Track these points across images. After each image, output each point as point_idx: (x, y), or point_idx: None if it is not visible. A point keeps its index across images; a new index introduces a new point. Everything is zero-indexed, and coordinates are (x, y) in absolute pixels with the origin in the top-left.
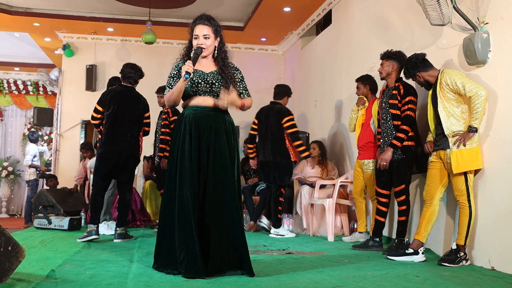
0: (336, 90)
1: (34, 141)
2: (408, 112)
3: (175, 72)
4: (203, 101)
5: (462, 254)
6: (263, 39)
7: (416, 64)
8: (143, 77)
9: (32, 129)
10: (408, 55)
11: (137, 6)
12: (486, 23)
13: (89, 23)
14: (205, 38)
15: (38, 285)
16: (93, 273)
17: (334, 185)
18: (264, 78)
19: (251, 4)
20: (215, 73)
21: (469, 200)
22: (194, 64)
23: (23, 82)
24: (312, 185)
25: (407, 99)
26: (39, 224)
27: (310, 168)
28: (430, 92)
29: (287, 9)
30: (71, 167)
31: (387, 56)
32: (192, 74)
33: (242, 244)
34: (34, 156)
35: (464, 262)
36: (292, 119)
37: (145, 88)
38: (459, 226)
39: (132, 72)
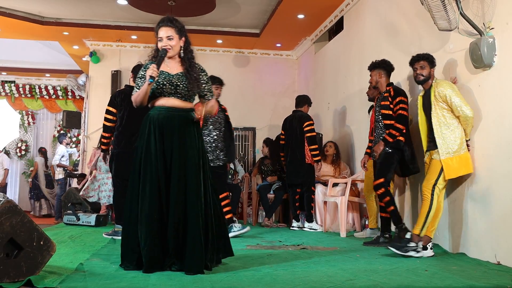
0: (348, 93)
1: (60, 141)
2: (400, 111)
3: (143, 73)
4: (167, 102)
5: (413, 244)
6: (278, 45)
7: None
8: None
9: (62, 131)
10: None
11: (159, 15)
12: (492, 28)
13: (114, 32)
14: (169, 39)
15: (67, 277)
16: (118, 267)
17: (346, 183)
18: (279, 82)
19: (266, 12)
20: (181, 74)
21: (432, 195)
22: (159, 67)
23: (53, 88)
24: (325, 184)
25: (397, 99)
26: (68, 220)
27: (324, 167)
28: (420, 99)
29: (301, 16)
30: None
31: (373, 66)
32: (156, 78)
33: (199, 242)
34: (62, 156)
35: (413, 253)
36: (312, 124)
37: None
38: (419, 216)
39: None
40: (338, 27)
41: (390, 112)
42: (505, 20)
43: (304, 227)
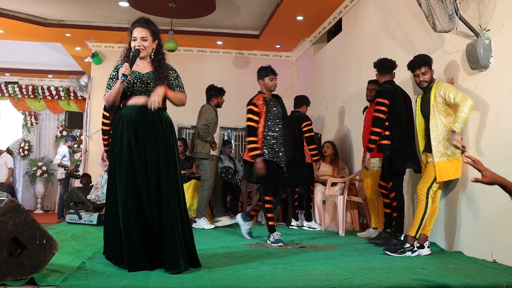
0: (346, 94)
1: (66, 140)
2: (375, 114)
3: (114, 74)
4: (139, 100)
5: (408, 245)
6: (278, 46)
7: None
8: None
9: (70, 134)
10: None
11: (160, 17)
12: (488, 30)
13: (115, 33)
14: (143, 40)
15: (70, 275)
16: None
17: (345, 183)
18: (278, 83)
19: (266, 14)
20: (151, 73)
21: (427, 198)
22: (131, 66)
23: (56, 88)
24: (324, 183)
25: (375, 101)
26: (70, 219)
27: (323, 166)
28: (419, 100)
29: (300, 18)
30: (99, 166)
31: (373, 66)
32: (129, 76)
33: (175, 240)
34: (64, 156)
35: (409, 253)
36: (310, 125)
37: None
38: (414, 218)
39: None
40: (336, 29)
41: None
42: (501, 22)
43: (303, 226)
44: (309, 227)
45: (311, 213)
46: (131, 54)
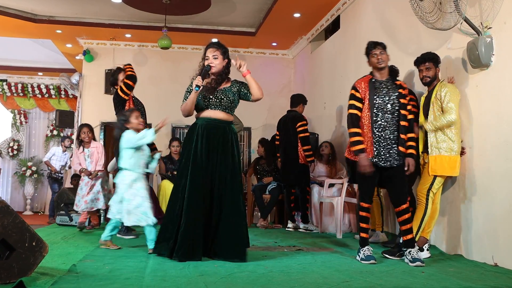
0: (345, 93)
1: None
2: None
3: (189, 86)
4: (214, 114)
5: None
6: (274, 44)
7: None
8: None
9: (63, 135)
10: (414, 57)
11: (154, 13)
12: (490, 28)
13: (108, 30)
14: (214, 58)
15: (60, 279)
16: (112, 268)
17: (342, 184)
18: (275, 82)
19: (262, 11)
20: (225, 89)
21: (427, 199)
22: (203, 78)
23: (46, 86)
24: (321, 184)
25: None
26: (61, 221)
27: (320, 167)
28: (423, 99)
29: (297, 15)
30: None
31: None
32: (201, 87)
33: (243, 236)
34: (53, 155)
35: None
36: (305, 125)
37: (161, 91)
38: (414, 220)
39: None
40: (334, 26)
41: None
42: (503, 20)
43: (300, 228)
44: (306, 229)
45: (307, 215)
46: (203, 69)
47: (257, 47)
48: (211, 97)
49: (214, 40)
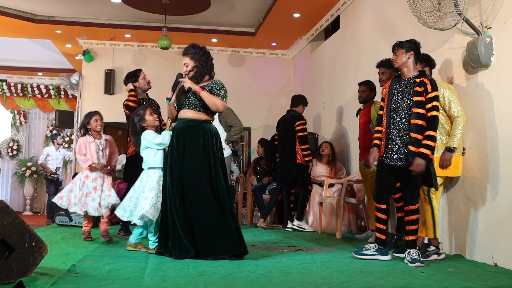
0: (344, 93)
1: (52, 140)
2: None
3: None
4: (183, 113)
5: (432, 248)
6: (274, 44)
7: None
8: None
9: (54, 131)
10: None
11: (153, 13)
12: (489, 28)
13: (107, 30)
14: (185, 65)
15: (60, 279)
16: (111, 268)
17: (342, 184)
18: (274, 82)
19: (262, 11)
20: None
21: (430, 198)
22: (173, 90)
23: (46, 86)
24: (321, 184)
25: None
26: (60, 221)
27: (320, 167)
28: None
29: (296, 15)
30: None
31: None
32: (172, 98)
33: (227, 232)
34: (48, 155)
35: (436, 256)
36: (303, 124)
37: (161, 91)
38: (425, 221)
39: None
40: (334, 26)
41: None
42: (503, 20)
43: (294, 225)
44: (299, 227)
45: (303, 213)
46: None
47: (257, 47)
48: (183, 97)
49: (186, 46)
